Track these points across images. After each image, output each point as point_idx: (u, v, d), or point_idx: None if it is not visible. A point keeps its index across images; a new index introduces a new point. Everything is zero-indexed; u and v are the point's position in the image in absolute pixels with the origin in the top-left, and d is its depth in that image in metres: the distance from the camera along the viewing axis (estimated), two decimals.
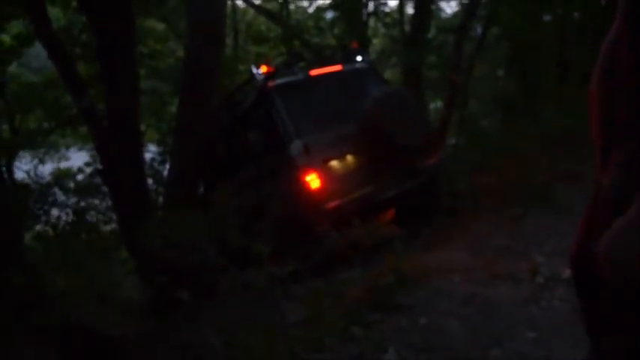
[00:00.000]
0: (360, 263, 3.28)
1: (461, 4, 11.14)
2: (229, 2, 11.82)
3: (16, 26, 7.96)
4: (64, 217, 6.92)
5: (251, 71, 5.33)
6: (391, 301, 2.87)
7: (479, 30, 10.83)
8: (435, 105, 13.13)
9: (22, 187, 7.90)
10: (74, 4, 7.75)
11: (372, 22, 12.52)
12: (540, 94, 10.19)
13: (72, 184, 8.42)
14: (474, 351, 2.42)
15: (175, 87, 8.06)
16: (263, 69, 5.20)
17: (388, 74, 13.36)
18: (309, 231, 4.37)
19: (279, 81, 5.19)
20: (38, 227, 6.59)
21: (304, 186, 4.79)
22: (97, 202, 7.80)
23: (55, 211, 7.27)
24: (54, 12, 8.91)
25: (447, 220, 4.96)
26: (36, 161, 10.22)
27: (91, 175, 8.13)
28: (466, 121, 10.24)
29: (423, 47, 9.22)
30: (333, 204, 4.75)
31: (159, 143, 9.19)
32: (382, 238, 3.39)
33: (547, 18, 10.15)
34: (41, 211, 6.64)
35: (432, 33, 10.47)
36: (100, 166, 6.64)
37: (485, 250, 3.72)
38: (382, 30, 13.36)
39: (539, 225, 4.02)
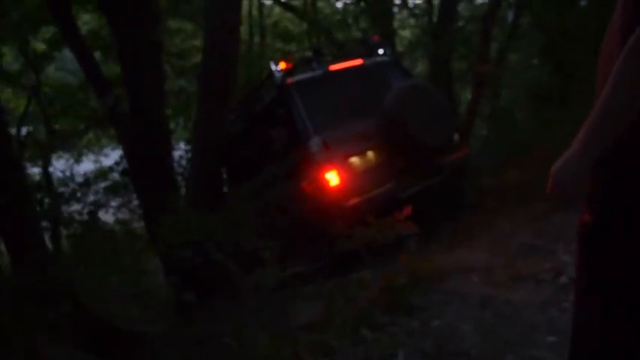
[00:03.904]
0: (373, 263, 3.20)
1: None
2: (256, 1, 11.85)
3: (48, 31, 8.17)
4: (77, 217, 7.08)
5: (270, 68, 5.30)
6: (404, 303, 2.78)
7: (511, 18, 10.46)
8: (467, 97, 12.80)
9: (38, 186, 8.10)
10: None
11: (400, 13, 12.31)
12: (576, 85, 9.77)
13: (103, 184, 8.62)
14: (487, 357, 2.31)
15: None
16: (282, 65, 5.15)
17: (419, 67, 13.12)
18: (327, 229, 4.31)
19: (297, 77, 5.13)
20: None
21: (324, 183, 4.73)
22: (125, 200, 7.96)
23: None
24: (86, 16, 9.15)
25: (470, 216, 4.81)
26: (71, 161, 10.52)
27: (122, 173, 8.31)
28: (498, 113, 9.94)
29: (452, 38, 8.96)
30: (353, 201, 4.67)
31: (188, 141, 9.29)
32: (398, 237, 3.29)
33: (583, 3, 9.72)
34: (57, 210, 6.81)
35: (460, 22, 10.18)
36: (126, 166, 6.79)
37: (508, 249, 3.57)
38: (411, 21, 13.12)
39: (566, 222, 3.82)
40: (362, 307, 2.76)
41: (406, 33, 14.33)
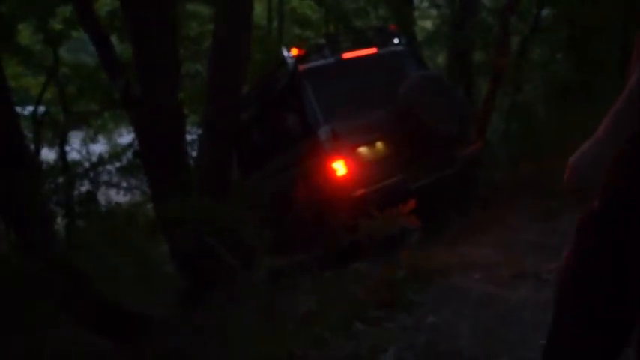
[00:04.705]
0: (374, 255, 3.15)
1: None
2: None
3: (66, 10, 8.19)
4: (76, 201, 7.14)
5: (282, 54, 5.24)
6: (401, 298, 2.73)
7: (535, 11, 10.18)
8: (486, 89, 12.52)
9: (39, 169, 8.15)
10: None
11: (421, 2, 12.10)
12: (600, 81, 9.50)
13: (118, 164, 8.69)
14: (481, 357, 2.25)
15: None
16: (293, 52, 5.08)
17: (440, 58, 12.89)
18: (332, 220, 4.26)
19: (309, 64, 5.06)
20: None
21: (331, 173, 4.68)
22: (136, 182, 8.01)
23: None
24: None
25: (480, 211, 4.72)
26: (87, 141, 10.61)
27: (133, 155, 8.35)
28: (517, 107, 9.72)
29: (472, 29, 8.77)
30: (360, 192, 4.61)
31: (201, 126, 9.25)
32: (400, 230, 3.24)
33: None
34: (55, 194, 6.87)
35: (483, 14, 9.95)
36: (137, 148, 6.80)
37: (514, 246, 3.49)
38: (433, 11, 12.87)
39: (575, 221, 3.71)
40: (359, 300, 2.71)
41: (427, 23, 14.08)
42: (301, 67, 5.02)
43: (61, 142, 9.74)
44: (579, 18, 8.70)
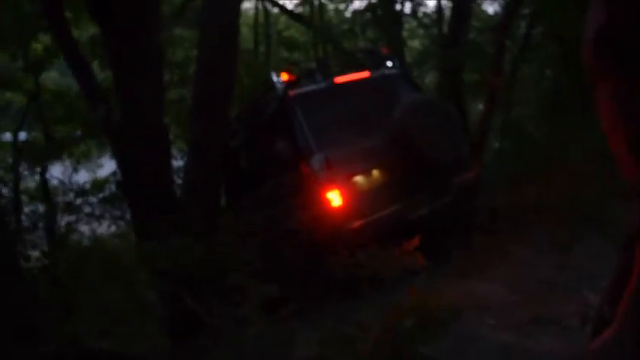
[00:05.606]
0: (377, 299, 2.87)
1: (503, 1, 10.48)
2: (261, 8, 11.61)
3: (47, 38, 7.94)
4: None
5: (271, 79, 5.01)
6: (412, 351, 2.44)
7: (524, 28, 10.14)
8: (477, 109, 12.45)
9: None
10: None
11: (408, 22, 12.04)
12: (590, 96, 9.42)
13: (99, 196, 8.35)
14: None
15: None
16: (284, 77, 4.86)
17: (428, 77, 12.80)
18: (327, 254, 3.98)
19: (300, 90, 4.84)
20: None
21: (325, 203, 4.42)
22: (120, 213, 7.67)
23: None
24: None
25: (483, 241, 4.46)
26: (69, 170, 10.23)
27: (116, 186, 8.02)
28: (510, 126, 9.60)
29: (463, 49, 8.66)
30: (356, 224, 4.35)
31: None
32: (405, 270, 2.97)
33: None
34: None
35: (472, 34, 9.89)
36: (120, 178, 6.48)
37: (527, 284, 3.23)
38: (420, 31, 12.83)
39: (591, 253, 3.47)
40: (361, 355, 2.42)
41: (415, 43, 14.03)
42: (292, 92, 4.79)
43: (42, 171, 9.38)
44: (569, 35, 8.64)
